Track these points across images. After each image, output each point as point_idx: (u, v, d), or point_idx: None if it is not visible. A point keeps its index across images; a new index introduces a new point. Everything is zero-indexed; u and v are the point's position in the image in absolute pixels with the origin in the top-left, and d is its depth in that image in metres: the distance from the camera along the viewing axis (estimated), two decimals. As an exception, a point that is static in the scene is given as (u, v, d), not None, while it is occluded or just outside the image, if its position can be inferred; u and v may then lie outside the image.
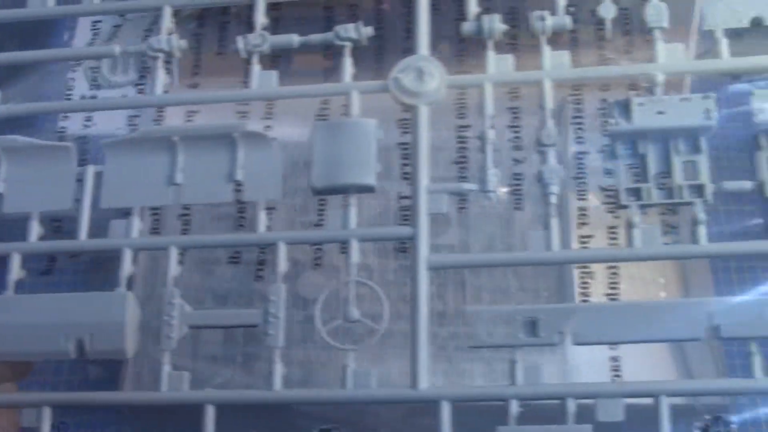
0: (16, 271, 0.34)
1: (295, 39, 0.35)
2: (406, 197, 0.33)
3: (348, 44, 0.34)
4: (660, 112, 0.31)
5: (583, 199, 0.34)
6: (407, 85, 0.33)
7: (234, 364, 0.39)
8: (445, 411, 0.30)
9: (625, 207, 0.31)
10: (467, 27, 0.34)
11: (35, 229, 0.34)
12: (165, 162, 0.34)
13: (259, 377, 0.33)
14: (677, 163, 0.31)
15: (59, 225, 0.35)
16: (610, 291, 0.34)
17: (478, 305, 0.37)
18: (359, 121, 0.33)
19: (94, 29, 0.41)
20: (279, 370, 0.31)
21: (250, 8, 0.35)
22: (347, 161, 0.32)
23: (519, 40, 0.35)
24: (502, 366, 0.30)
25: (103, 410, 0.40)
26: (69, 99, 0.41)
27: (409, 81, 0.33)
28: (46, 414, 0.32)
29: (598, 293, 0.34)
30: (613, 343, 0.32)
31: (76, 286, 0.40)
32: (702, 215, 0.30)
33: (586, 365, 0.37)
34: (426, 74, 0.33)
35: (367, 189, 0.32)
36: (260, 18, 0.35)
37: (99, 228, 0.34)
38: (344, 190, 0.33)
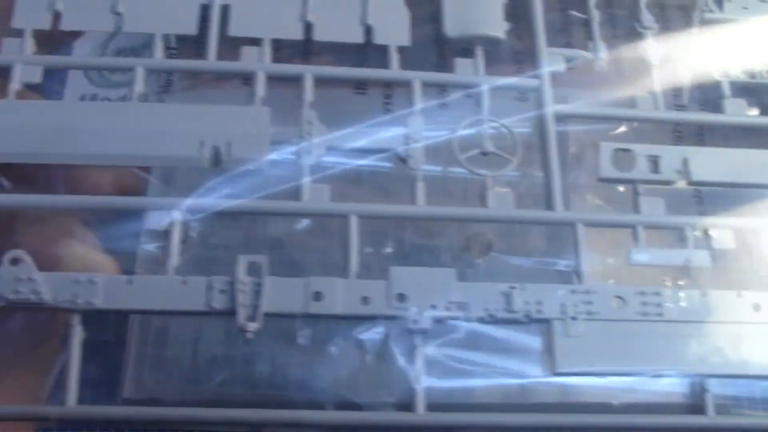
0: (140, 84, 0.33)
1: None
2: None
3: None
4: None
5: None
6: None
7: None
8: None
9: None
10: None
11: (159, 48, 0.34)
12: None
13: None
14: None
15: (174, 52, 0.35)
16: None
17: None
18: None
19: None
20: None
21: None
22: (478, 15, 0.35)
23: None
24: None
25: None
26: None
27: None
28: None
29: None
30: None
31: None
32: None
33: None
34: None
35: (495, 42, 0.35)
36: None
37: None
38: (474, 38, 0.35)
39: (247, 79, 0.34)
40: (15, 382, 0.32)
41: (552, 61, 0.35)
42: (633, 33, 0.37)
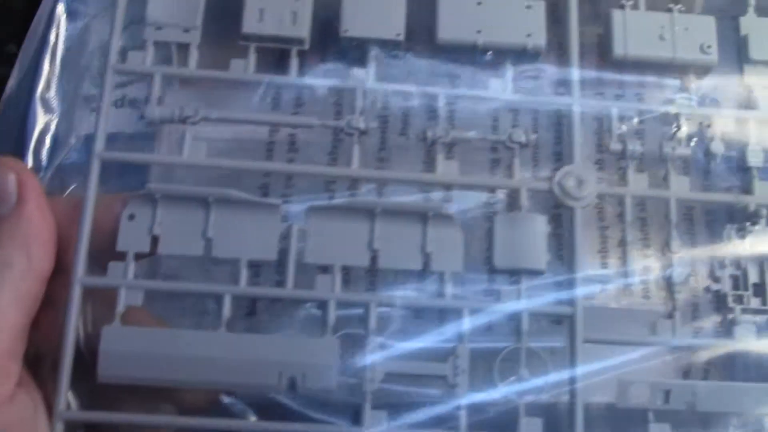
0: (227, 310, 0.39)
1: (472, 134, 0.42)
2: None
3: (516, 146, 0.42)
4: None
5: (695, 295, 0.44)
6: (569, 189, 0.41)
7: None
8: None
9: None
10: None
11: (245, 274, 0.39)
12: (364, 229, 0.40)
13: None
14: None
15: (257, 271, 0.40)
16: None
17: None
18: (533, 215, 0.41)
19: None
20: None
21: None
22: (524, 249, 0.40)
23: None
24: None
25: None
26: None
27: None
28: None
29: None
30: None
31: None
32: None
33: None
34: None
35: (539, 272, 0.40)
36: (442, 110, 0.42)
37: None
38: (520, 272, 0.40)
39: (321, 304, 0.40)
40: None
41: (585, 289, 0.40)
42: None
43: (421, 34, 0.43)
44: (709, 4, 0.45)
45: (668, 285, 0.41)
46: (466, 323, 0.39)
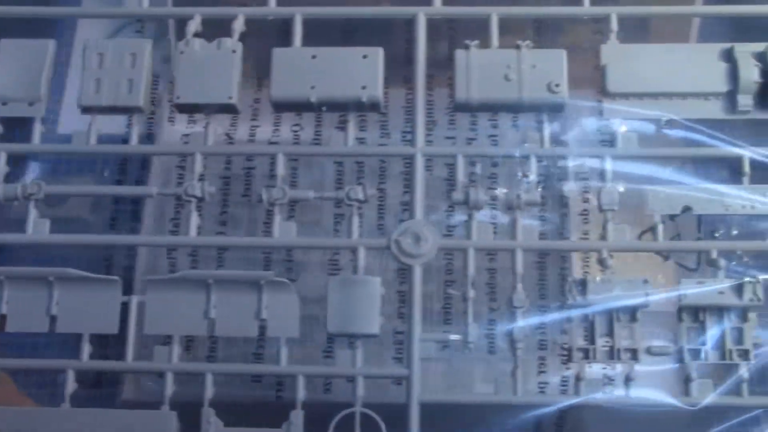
0: (70, 384, 0.40)
1: (310, 194, 0.41)
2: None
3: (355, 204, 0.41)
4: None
5: (543, 348, 0.43)
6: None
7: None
8: None
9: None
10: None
11: (86, 349, 0.41)
12: (201, 299, 0.41)
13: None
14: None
15: (106, 342, 0.42)
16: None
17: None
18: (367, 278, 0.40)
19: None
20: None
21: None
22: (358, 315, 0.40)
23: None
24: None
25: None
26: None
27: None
28: None
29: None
30: None
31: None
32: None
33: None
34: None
35: (372, 336, 0.40)
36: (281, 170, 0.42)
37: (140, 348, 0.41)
38: (353, 336, 0.40)
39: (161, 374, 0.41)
40: None
41: (423, 348, 0.40)
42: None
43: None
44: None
45: (510, 340, 0.40)
46: (300, 389, 0.40)
